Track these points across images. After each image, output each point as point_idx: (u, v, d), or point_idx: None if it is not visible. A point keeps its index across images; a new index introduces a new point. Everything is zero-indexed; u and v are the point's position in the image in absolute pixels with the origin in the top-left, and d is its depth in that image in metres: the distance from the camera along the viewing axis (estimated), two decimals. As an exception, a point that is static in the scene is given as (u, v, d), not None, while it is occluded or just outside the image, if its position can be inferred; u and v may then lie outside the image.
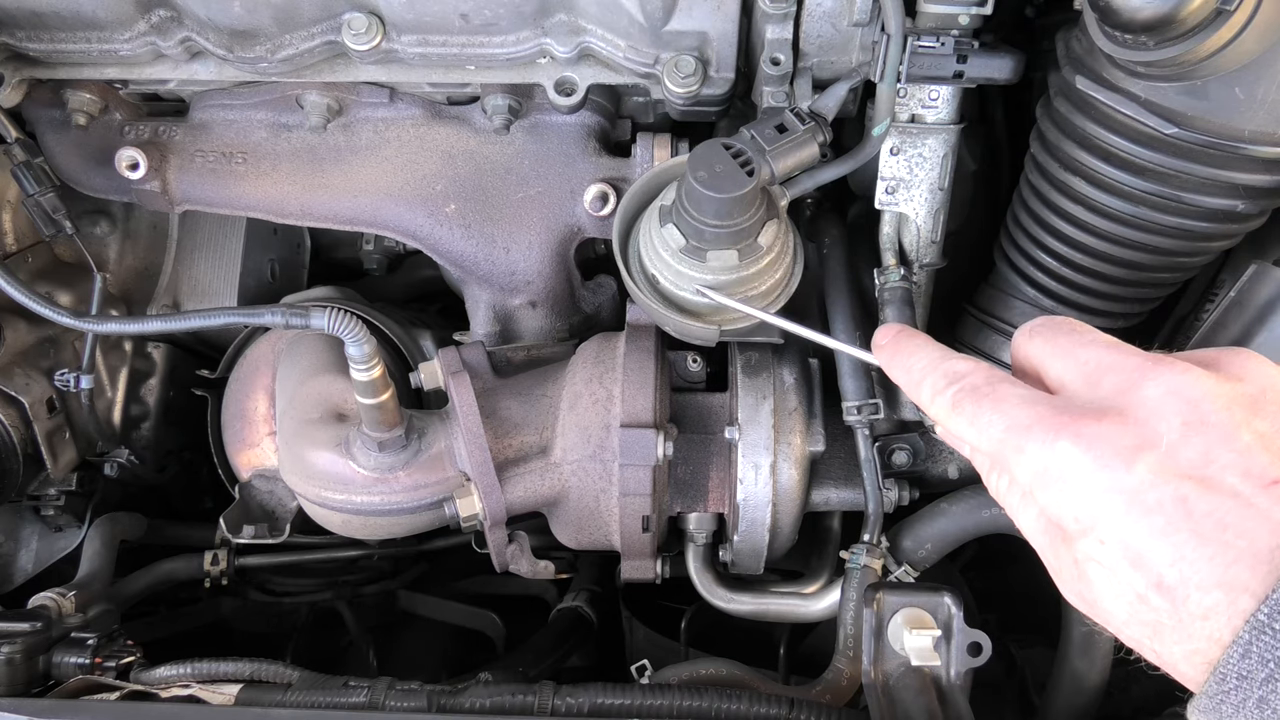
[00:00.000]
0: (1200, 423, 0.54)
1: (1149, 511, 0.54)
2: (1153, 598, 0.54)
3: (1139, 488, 0.54)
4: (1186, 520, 0.52)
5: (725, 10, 1.15)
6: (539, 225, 1.36)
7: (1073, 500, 0.57)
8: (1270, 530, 0.50)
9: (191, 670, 1.23)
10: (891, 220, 1.25)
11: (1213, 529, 0.52)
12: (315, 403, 1.28)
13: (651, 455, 1.18)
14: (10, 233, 1.49)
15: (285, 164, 1.37)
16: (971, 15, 1.04)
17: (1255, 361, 0.57)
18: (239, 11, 1.16)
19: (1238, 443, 0.53)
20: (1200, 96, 0.92)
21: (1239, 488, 0.52)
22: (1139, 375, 0.58)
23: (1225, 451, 0.53)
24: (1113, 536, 0.55)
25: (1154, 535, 0.53)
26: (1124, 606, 0.56)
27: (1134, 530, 0.54)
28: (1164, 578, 0.53)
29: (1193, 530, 0.52)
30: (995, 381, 0.64)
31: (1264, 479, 0.52)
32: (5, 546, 1.61)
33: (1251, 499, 0.51)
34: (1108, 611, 0.58)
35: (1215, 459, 0.53)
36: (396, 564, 1.89)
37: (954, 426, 0.66)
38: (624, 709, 1.13)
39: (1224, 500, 0.52)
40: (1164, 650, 0.55)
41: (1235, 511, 0.52)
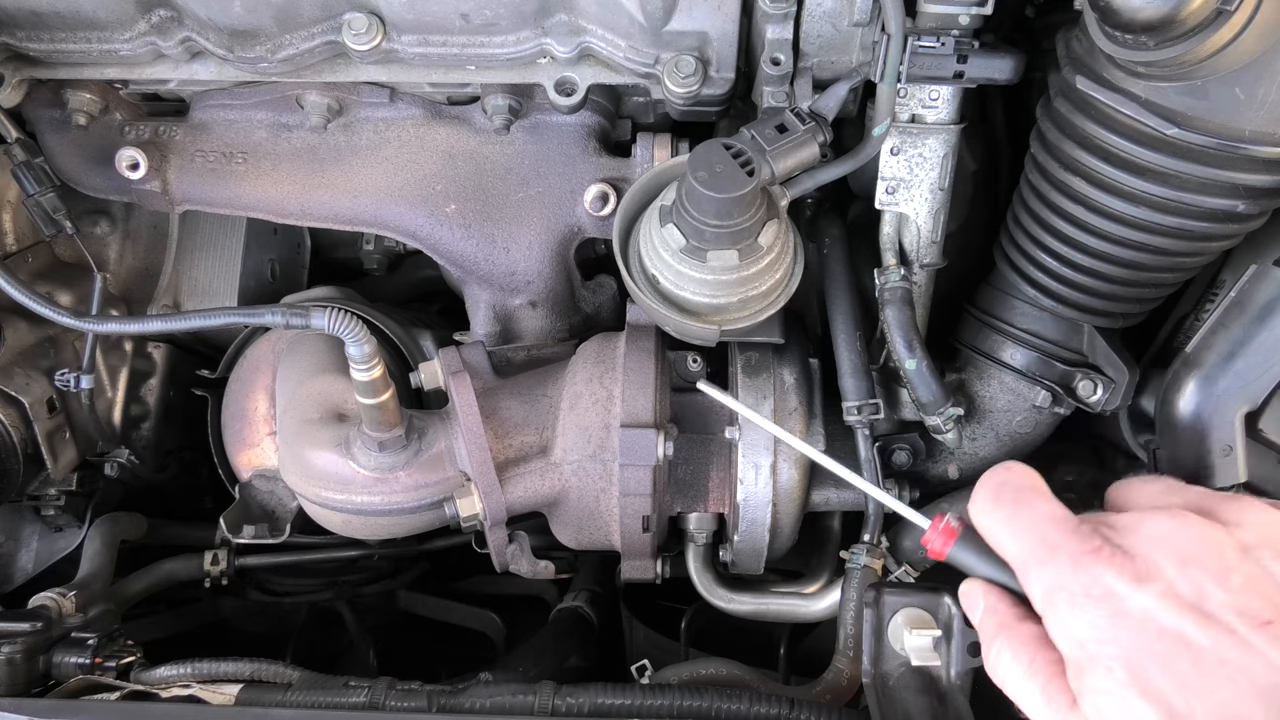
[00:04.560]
0: (1195, 563, 0.57)
1: (1153, 640, 0.56)
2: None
3: (1144, 617, 0.56)
4: (1187, 651, 0.55)
5: (725, 10, 1.15)
6: (539, 225, 1.36)
7: (1079, 624, 0.59)
8: (1266, 668, 0.53)
9: (191, 670, 1.23)
10: (892, 220, 1.25)
11: (1213, 664, 0.54)
12: (315, 403, 1.28)
13: (651, 455, 1.18)
14: (10, 233, 1.49)
15: (285, 164, 1.37)
16: (972, 15, 1.04)
17: (1254, 509, 0.60)
18: (239, 11, 1.16)
19: (1230, 583, 0.56)
20: (1200, 97, 0.92)
21: (1235, 625, 0.54)
22: (1136, 519, 0.61)
23: (1220, 591, 0.56)
24: (1120, 663, 0.57)
25: (1159, 663, 0.55)
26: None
27: (1140, 658, 0.56)
28: (1174, 706, 0.54)
29: (1193, 661, 0.54)
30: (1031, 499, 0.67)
31: (1257, 619, 0.54)
32: (5, 546, 1.61)
33: (1247, 638, 0.54)
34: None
35: (1210, 597, 0.56)
36: (397, 564, 1.89)
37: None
38: (624, 709, 1.13)
39: (1221, 636, 0.54)
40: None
41: (1233, 648, 0.54)
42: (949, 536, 0.74)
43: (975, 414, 1.34)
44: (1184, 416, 1.14)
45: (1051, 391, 1.29)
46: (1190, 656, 0.55)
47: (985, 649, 0.68)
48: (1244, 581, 0.56)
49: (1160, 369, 1.22)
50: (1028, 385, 1.30)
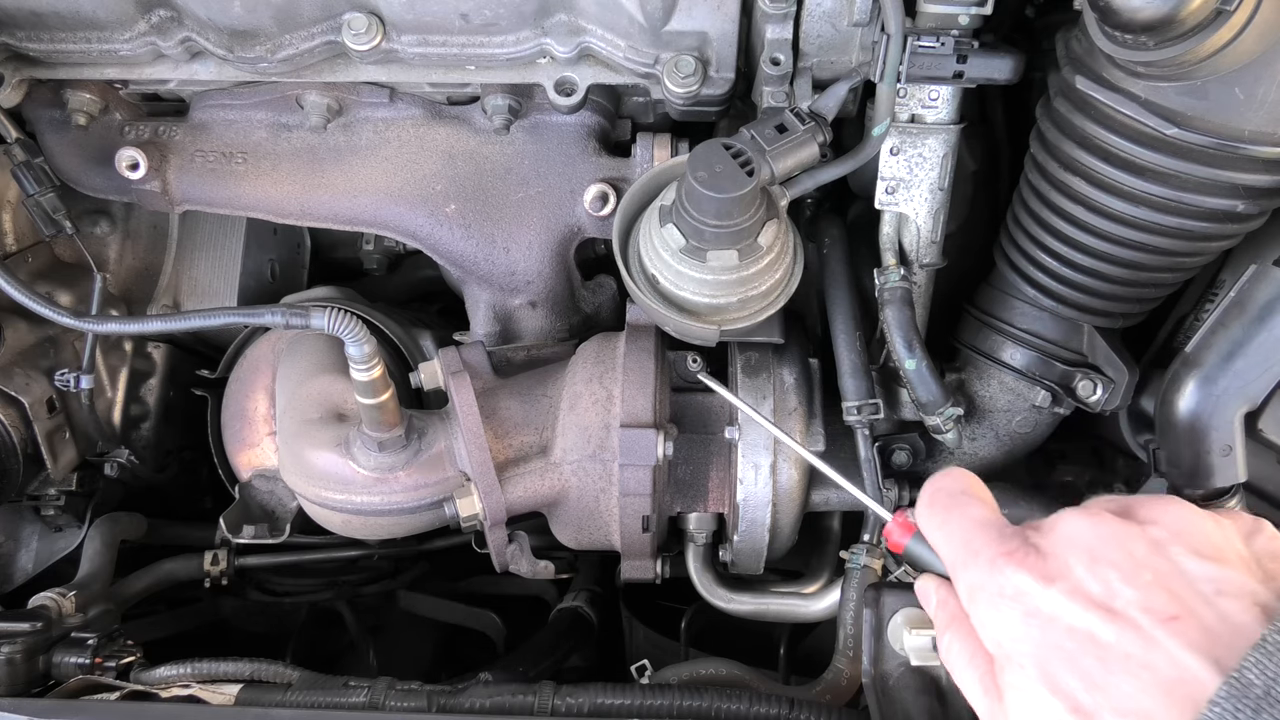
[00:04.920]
0: (1104, 560, 0.58)
1: (1061, 637, 0.58)
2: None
3: (1053, 615, 0.58)
4: (1094, 647, 0.56)
5: (725, 10, 1.15)
6: (539, 225, 1.36)
7: (995, 624, 0.62)
8: (1170, 663, 0.54)
9: (191, 670, 1.23)
10: (891, 220, 1.25)
11: (1118, 659, 0.55)
12: (315, 403, 1.28)
13: (651, 455, 1.18)
14: (10, 233, 1.49)
15: (285, 164, 1.37)
16: (971, 15, 1.04)
17: (1175, 507, 0.61)
18: (239, 11, 1.16)
19: (1138, 580, 0.57)
20: (1200, 97, 0.92)
21: (1140, 621, 0.55)
22: (1054, 520, 0.63)
23: (1127, 588, 0.57)
24: (1031, 660, 0.59)
25: (1066, 660, 0.57)
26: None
27: (1049, 655, 0.58)
28: (1080, 703, 0.56)
29: (1099, 657, 0.56)
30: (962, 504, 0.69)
31: (1163, 615, 0.55)
32: (5, 546, 1.61)
33: (1152, 633, 0.55)
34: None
35: (1119, 594, 0.57)
36: (396, 564, 1.89)
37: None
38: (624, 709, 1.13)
39: (1127, 633, 0.55)
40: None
41: (1138, 644, 0.55)
42: (907, 531, 0.76)
43: (975, 414, 1.34)
44: (1184, 416, 1.14)
45: (1051, 391, 1.29)
46: (1097, 653, 0.56)
47: (939, 640, 0.71)
48: (1152, 578, 0.57)
49: (1160, 369, 1.22)
50: (1028, 385, 1.30)
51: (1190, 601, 0.56)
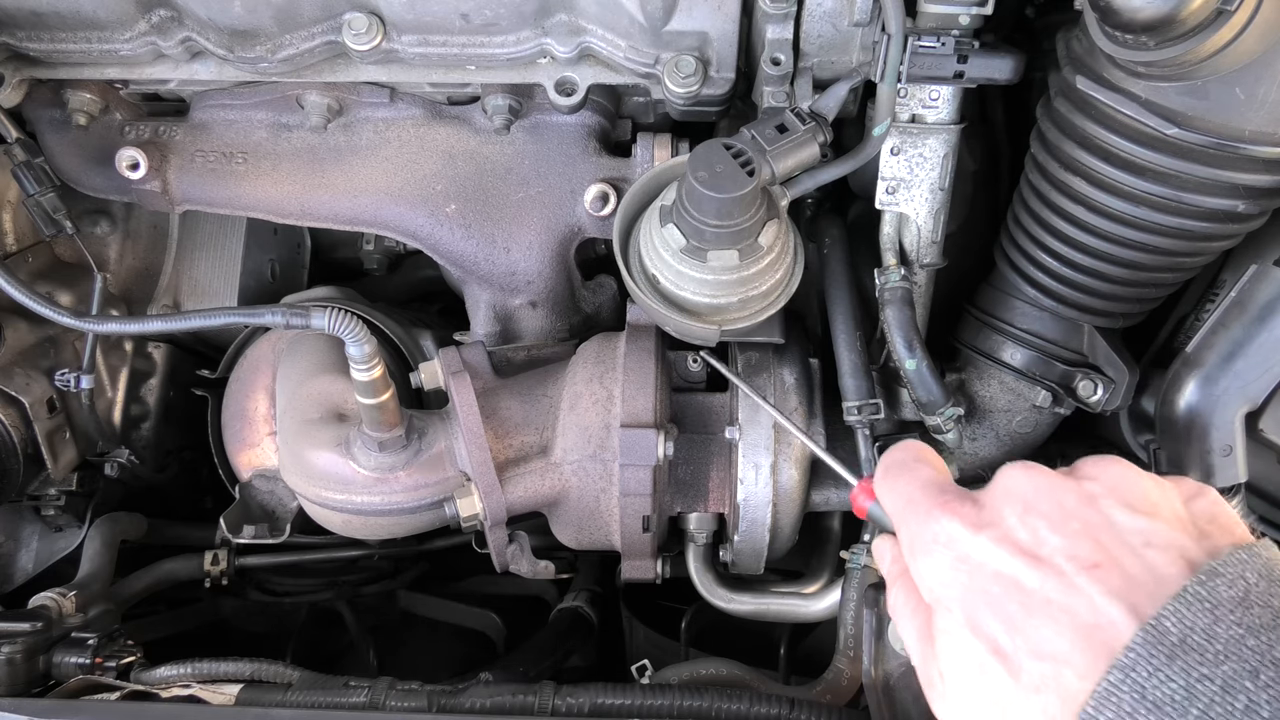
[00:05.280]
0: (1035, 510, 0.60)
1: (987, 582, 0.59)
2: (990, 664, 0.58)
3: (981, 560, 0.60)
4: (1017, 592, 0.57)
5: (725, 10, 1.15)
6: (539, 225, 1.36)
7: (928, 571, 0.64)
8: (1088, 608, 0.55)
9: (192, 670, 1.23)
10: (892, 220, 1.25)
11: (1039, 604, 0.56)
12: (315, 403, 1.28)
13: (652, 455, 1.18)
14: (10, 233, 1.49)
15: (285, 164, 1.37)
16: (972, 15, 1.04)
17: (1114, 464, 0.62)
18: (239, 11, 1.16)
19: (1066, 529, 0.58)
20: (1201, 97, 0.92)
21: (1064, 568, 0.57)
22: (996, 474, 0.65)
23: (1055, 536, 0.58)
24: (958, 604, 0.61)
25: (990, 603, 0.59)
26: (969, 683, 0.60)
27: (974, 599, 0.59)
28: (1000, 645, 0.57)
29: (1022, 602, 0.57)
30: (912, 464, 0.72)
31: (1086, 562, 0.56)
32: (5, 546, 1.61)
33: (1074, 579, 0.56)
34: (958, 696, 0.61)
35: (1046, 542, 0.58)
36: (397, 564, 1.89)
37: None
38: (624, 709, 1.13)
39: (1050, 578, 0.57)
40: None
41: (1059, 589, 0.56)
42: (870, 496, 0.78)
43: (975, 414, 1.34)
44: (1184, 416, 1.15)
45: (1052, 391, 1.29)
46: (1020, 598, 0.57)
47: (888, 594, 0.73)
48: (1080, 527, 0.58)
49: (1160, 369, 1.22)
50: (1028, 385, 1.30)
51: (1115, 551, 0.56)
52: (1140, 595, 0.54)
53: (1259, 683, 0.49)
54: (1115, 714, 0.51)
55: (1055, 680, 0.54)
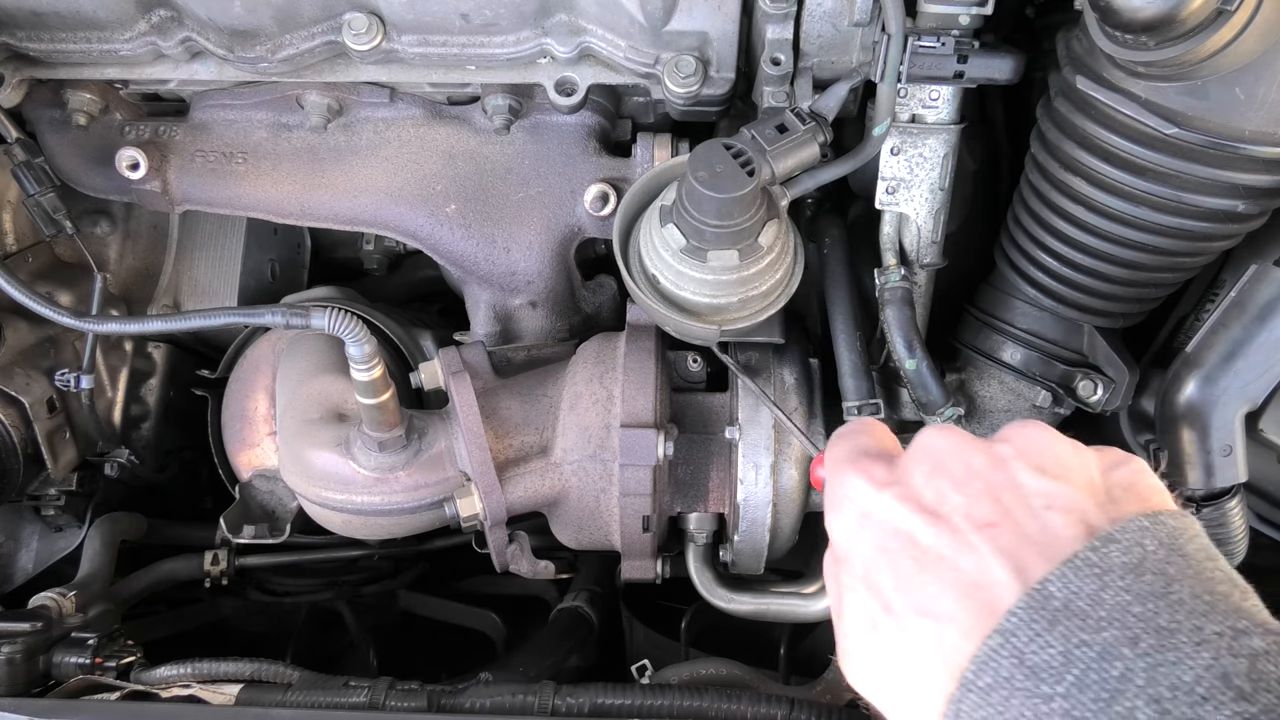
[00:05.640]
0: (942, 470, 0.59)
1: (886, 538, 0.59)
2: (881, 621, 0.58)
3: (883, 517, 0.60)
4: (913, 549, 0.57)
5: (725, 10, 1.15)
6: (539, 225, 1.36)
7: (836, 527, 0.65)
8: (976, 566, 0.54)
9: (192, 670, 1.23)
10: (892, 220, 1.25)
11: (932, 560, 0.56)
12: (315, 403, 1.28)
13: (652, 455, 1.18)
14: (10, 233, 1.49)
15: (285, 164, 1.37)
16: (972, 15, 1.04)
17: (1032, 428, 0.61)
18: (239, 11, 1.16)
19: (969, 489, 0.57)
20: (1201, 96, 0.92)
21: (960, 526, 0.56)
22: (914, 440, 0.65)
23: (956, 495, 0.58)
24: (859, 560, 0.61)
25: (886, 559, 0.58)
26: (864, 641, 0.60)
27: (872, 555, 0.60)
28: (890, 602, 0.57)
29: (915, 559, 0.57)
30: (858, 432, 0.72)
31: (981, 522, 0.55)
32: (5, 546, 1.61)
33: (968, 537, 0.55)
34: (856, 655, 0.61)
35: (947, 500, 0.58)
36: (397, 564, 1.89)
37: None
38: (624, 709, 1.13)
39: (945, 535, 0.56)
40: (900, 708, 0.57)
41: (951, 546, 0.56)
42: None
43: (976, 414, 1.34)
44: (1184, 416, 1.15)
45: (1052, 391, 1.29)
46: (914, 554, 0.57)
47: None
48: (983, 487, 0.57)
49: (1160, 369, 1.22)
50: (1028, 385, 1.30)
51: (1015, 511, 0.55)
52: (1030, 555, 0.53)
53: (1137, 650, 0.47)
54: (994, 679, 0.50)
55: (938, 640, 0.54)
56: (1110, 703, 0.46)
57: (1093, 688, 0.47)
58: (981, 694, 0.50)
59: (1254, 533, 1.25)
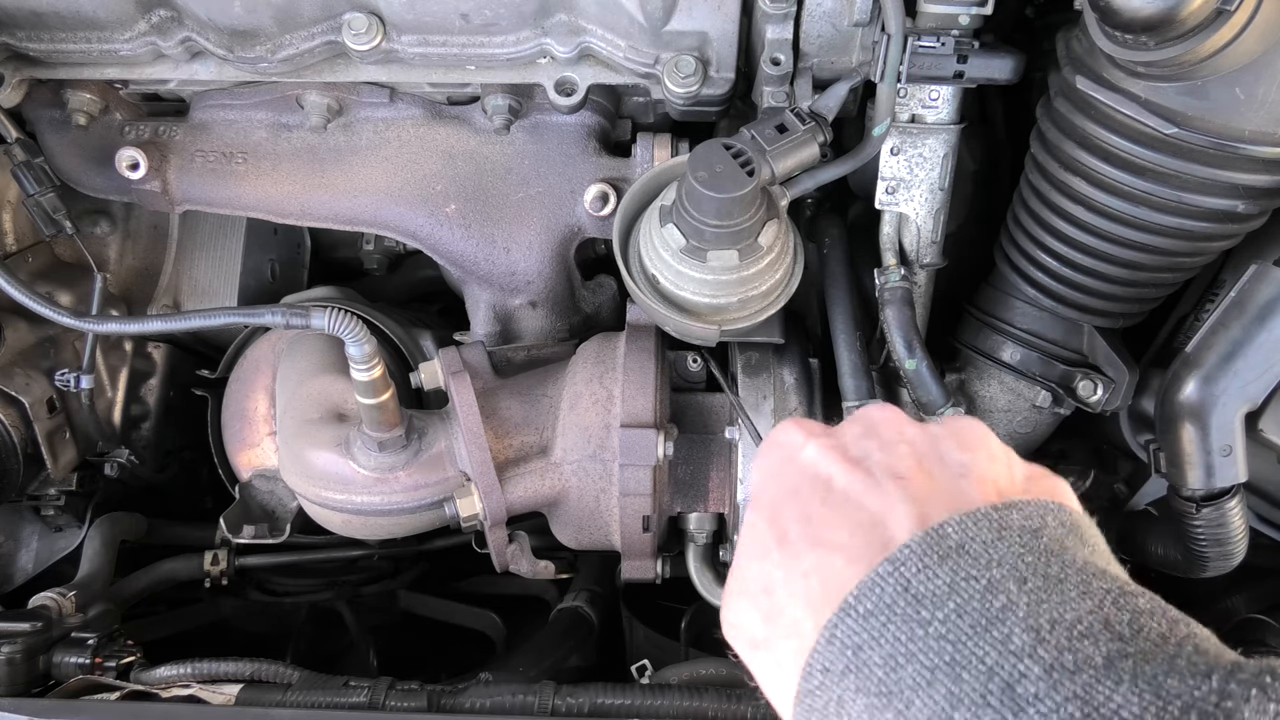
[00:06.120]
0: (873, 433, 0.61)
1: (802, 481, 0.60)
2: (771, 551, 0.58)
3: (805, 462, 0.62)
4: (824, 490, 0.59)
5: (725, 10, 1.15)
6: (539, 225, 1.36)
7: (756, 470, 0.66)
8: (880, 506, 0.55)
9: (192, 670, 1.23)
10: (892, 220, 1.25)
11: (839, 499, 0.57)
12: (315, 403, 1.28)
13: (652, 455, 1.18)
14: (10, 233, 1.49)
15: (285, 164, 1.37)
16: (972, 15, 1.04)
17: (970, 421, 0.63)
18: (239, 11, 1.16)
19: (894, 451, 0.59)
20: (1200, 96, 0.92)
21: (874, 473, 0.57)
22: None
23: (879, 453, 0.59)
24: (768, 499, 0.62)
25: (796, 499, 0.59)
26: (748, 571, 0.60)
27: (783, 495, 0.60)
28: (788, 534, 0.58)
29: (824, 498, 0.58)
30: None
31: (896, 473, 0.57)
32: (5, 546, 1.61)
33: (880, 482, 0.57)
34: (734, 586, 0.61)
35: (870, 456, 0.59)
36: (397, 564, 1.89)
37: None
38: (624, 709, 1.13)
39: (857, 480, 0.57)
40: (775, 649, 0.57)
41: (862, 488, 0.57)
42: None
43: (975, 414, 1.34)
44: (1184, 416, 1.14)
45: (1052, 391, 1.29)
46: (824, 494, 0.58)
47: None
48: (908, 450, 0.59)
49: (1160, 369, 1.22)
50: (1028, 385, 1.30)
51: (932, 471, 0.57)
52: (936, 506, 0.54)
53: (1024, 588, 0.48)
54: (875, 604, 0.50)
55: (824, 567, 0.54)
56: (987, 628, 0.47)
57: (971, 614, 0.48)
58: (860, 619, 0.50)
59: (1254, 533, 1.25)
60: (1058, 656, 0.45)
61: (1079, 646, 0.45)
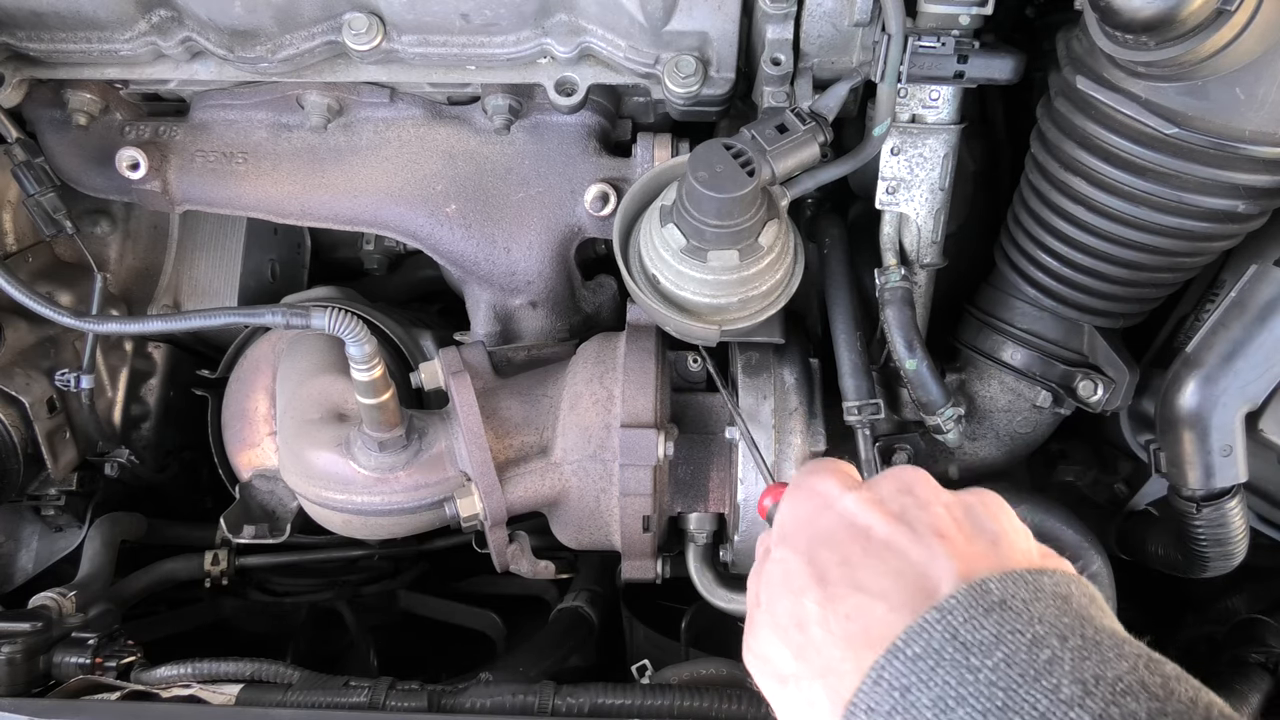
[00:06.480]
0: (910, 491, 0.64)
1: (840, 529, 0.62)
2: (809, 589, 0.60)
3: (843, 511, 0.64)
4: (864, 539, 0.61)
5: (725, 10, 1.15)
6: (539, 225, 1.36)
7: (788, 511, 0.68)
8: (924, 558, 0.57)
9: (192, 670, 1.23)
10: (892, 220, 1.25)
11: (879, 547, 0.60)
12: (316, 403, 1.28)
13: (652, 455, 1.18)
14: (11, 233, 1.49)
15: (286, 164, 1.37)
16: (972, 15, 1.04)
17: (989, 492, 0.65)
18: (239, 11, 1.16)
19: (930, 510, 0.61)
20: (1201, 97, 0.92)
21: (917, 528, 0.60)
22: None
23: (918, 510, 0.62)
24: (804, 539, 0.63)
25: (835, 545, 0.61)
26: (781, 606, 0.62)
27: (821, 539, 0.62)
28: (827, 575, 0.60)
29: (864, 546, 0.60)
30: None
31: (937, 531, 0.59)
32: (5, 546, 1.61)
33: (922, 536, 0.59)
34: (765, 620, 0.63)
35: (909, 512, 0.62)
36: (397, 564, 1.89)
37: None
38: (624, 709, 1.13)
39: (900, 532, 0.60)
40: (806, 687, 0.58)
41: (905, 540, 0.59)
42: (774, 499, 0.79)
43: (976, 414, 1.34)
44: (1184, 416, 1.15)
45: (1052, 391, 1.29)
46: (864, 543, 0.60)
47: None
48: (943, 511, 0.61)
49: (1160, 369, 1.22)
50: (1028, 385, 1.30)
51: (970, 533, 0.60)
52: (977, 564, 0.56)
53: (1066, 645, 0.51)
54: (924, 648, 0.52)
55: (865, 611, 0.56)
56: (1036, 679, 0.49)
57: (1020, 664, 0.50)
58: (909, 661, 0.52)
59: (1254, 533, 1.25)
60: (1105, 709, 0.47)
61: (1123, 702, 0.48)
